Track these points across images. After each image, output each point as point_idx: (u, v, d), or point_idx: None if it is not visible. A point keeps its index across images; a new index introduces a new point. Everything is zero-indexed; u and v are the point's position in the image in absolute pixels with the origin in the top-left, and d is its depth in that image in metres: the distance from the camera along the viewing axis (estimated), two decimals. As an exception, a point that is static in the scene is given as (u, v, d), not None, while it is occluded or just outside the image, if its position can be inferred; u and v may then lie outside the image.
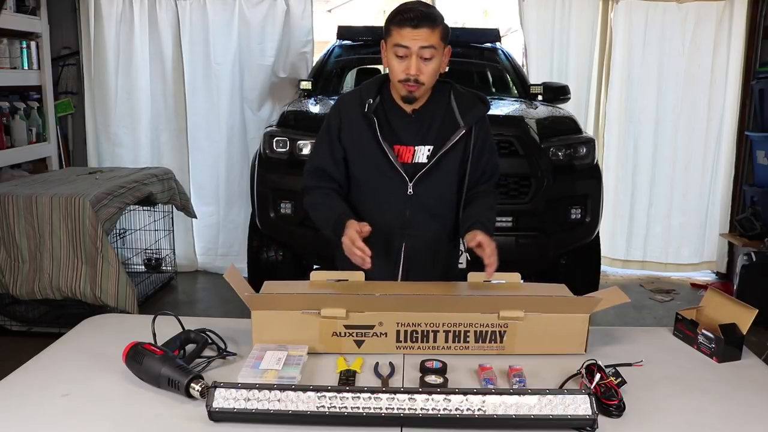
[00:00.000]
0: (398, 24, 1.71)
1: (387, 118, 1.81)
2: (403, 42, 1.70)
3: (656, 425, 1.24)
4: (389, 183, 1.81)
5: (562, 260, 3.53)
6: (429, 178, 1.81)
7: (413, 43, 1.70)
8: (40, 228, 3.28)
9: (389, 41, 1.74)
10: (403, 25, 1.70)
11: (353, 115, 1.83)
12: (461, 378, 1.40)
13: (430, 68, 1.73)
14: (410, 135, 1.82)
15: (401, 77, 1.73)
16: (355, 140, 1.82)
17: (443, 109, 1.84)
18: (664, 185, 4.77)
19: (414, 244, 1.86)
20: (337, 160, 1.85)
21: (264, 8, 4.51)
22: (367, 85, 1.87)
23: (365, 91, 1.85)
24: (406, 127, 1.82)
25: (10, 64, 4.09)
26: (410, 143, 1.82)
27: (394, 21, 1.72)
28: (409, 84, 1.73)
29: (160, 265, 4.50)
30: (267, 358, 1.39)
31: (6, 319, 3.55)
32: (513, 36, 6.81)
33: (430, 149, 1.82)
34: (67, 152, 4.74)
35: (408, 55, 1.71)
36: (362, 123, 1.80)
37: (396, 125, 1.82)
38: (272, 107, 4.57)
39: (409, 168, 1.81)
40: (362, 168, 1.84)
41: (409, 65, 1.71)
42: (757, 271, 3.83)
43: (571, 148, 3.37)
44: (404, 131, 1.82)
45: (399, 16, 1.71)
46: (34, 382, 1.37)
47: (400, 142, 1.81)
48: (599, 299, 1.52)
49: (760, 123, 4.49)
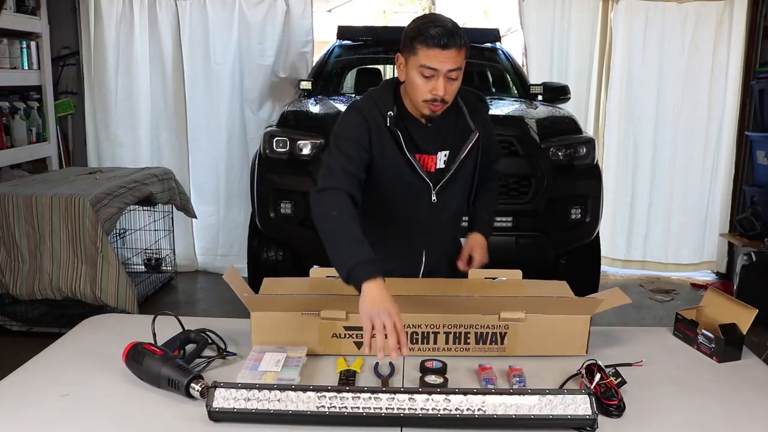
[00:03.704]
0: (426, 44, 1.61)
1: (406, 129, 1.77)
2: (432, 64, 1.62)
3: (656, 425, 1.24)
4: (414, 192, 1.79)
5: (562, 260, 3.52)
6: (450, 184, 1.81)
7: (442, 66, 1.62)
8: (40, 228, 3.28)
9: (413, 60, 1.65)
10: (431, 46, 1.61)
11: (378, 125, 1.76)
12: (461, 378, 1.40)
13: (454, 87, 1.69)
14: (430, 143, 1.80)
15: (427, 97, 1.68)
16: (381, 150, 1.76)
17: (455, 114, 1.82)
18: (664, 185, 4.77)
19: (434, 248, 1.87)
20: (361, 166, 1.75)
21: (264, 8, 4.51)
22: (381, 95, 1.80)
23: (382, 103, 1.78)
24: (425, 136, 1.79)
25: (10, 64, 4.09)
26: (432, 152, 1.80)
27: (420, 40, 1.62)
28: (434, 104, 1.68)
29: (160, 265, 4.50)
30: (266, 360, 1.39)
31: (6, 319, 3.55)
32: (513, 36, 6.82)
33: (447, 154, 1.80)
34: (67, 152, 4.74)
35: (436, 76, 1.64)
36: (386, 134, 1.75)
37: (416, 135, 1.78)
38: (272, 107, 4.57)
39: (432, 176, 1.80)
40: (388, 178, 1.79)
41: (437, 86, 1.64)
42: (757, 271, 3.83)
43: (571, 148, 3.37)
44: (424, 140, 1.79)
45: (426, 35, 1.61)
46: (34, 382, 1.37)
47: (422, 151, 1.79)
48: (600, 300, 1.52)
49: (760, 123, 4.49)
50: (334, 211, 1.58)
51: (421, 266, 1.87)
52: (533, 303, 1.50)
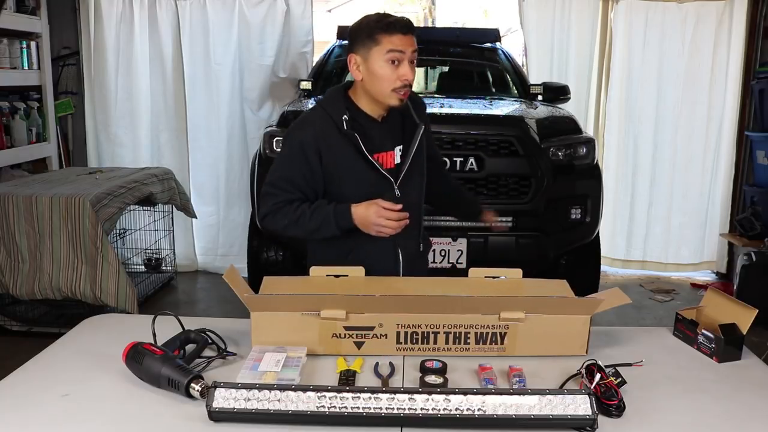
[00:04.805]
0: (387, 31, 1.71)
1: (361, 129, 1.79)
2: (399, 47, 1.71)
3: (656, 425, 1.24)
4: (378, 191, 1.81)
5: (562, 260, 3.52)
6: (409, 177, 1.87)
7: (407, 48, 1.72)
8: (40, 228, 3.28)
9: (376, 50, 1.72)
10: (393, 32, 1.71)
11: (329, 136, 1.77)
12: (461, 378, 1.40)
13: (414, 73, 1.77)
14: (386, 140, 1.85)
15: (397, 85, 1.73)
16: (338, 160, 1.78)
17: (401, 110, 1.86)
18: (664, 185, 4.77)
19: (407, 245, 1.91)
20: (309, 179, 1.79)
21: (264, 8, 4.51)
22: (330, 102, 1.83)
23: (331, 109, 1.80)
24: (380, 133, 1.84)
25: (10, 64, 4.10)
26: (389, 148, 1.85)
27: (381, 29, 1.72)
28: (403, 91, 1.75)
29: (160, 265, 4.50)
30: (266, 360, 1.39)
31: (6, 319, 3.55)
32: (513, 36, 6.82)
33: (401, 148, 1.87)
34: (67, 152, 4.75)
35: (401, 60, 1.72)
36: (340, 141, 1.77)
37: (371, 134, 1.82)
38: (272, 107, 4.57)
39: (392, 171, 1.85)
40: (350, 184, 1.81)
41: (406, 71, 1.73)
42: (757, 271, 3.83)
43: (571, 148, 3.37)
44: (380, 138, 1.84)
45: (385, 24, 1.72)
46: (34, 382, 1.37)
47: (379, 150, 1.83)
48: (600, 300, 1.52)
49: (760, 123, 4.49)
50: (285, 220, 1.79)
51: (400, 263, 1.89)
52: (533, 303, 1.50)
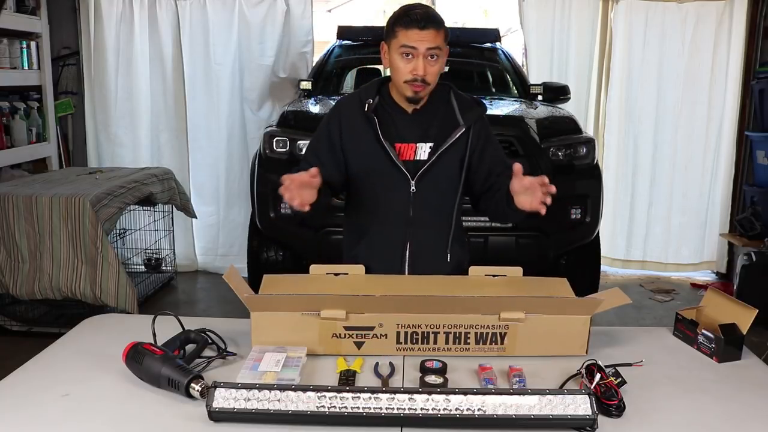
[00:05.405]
0: (405, 25, 1.73)
1: (387, 117, 1.82)
2: (411, 43, 1.72)
3: (656, 425, 1.24)
4: (392, 181, 1.82)
5: (562, 260, 3.52)
6: (430, 175, 1.82)
7: (421, 44, 1.72)
8: (40, 228, 3.28)
9: (394, 42, 1.76)
10: (410, 27, 1.72)
11: (353, 116, 1.84)
12: (461, 378, 1.40)
13: (435, 69, 1.76)
14: (411, 132, 1.83)
15: (408, 78, 1.75)
16: (356, 141, 1.83)
17: (443, 108, 1.85)
18: (664, 185, 4.77)
19: (418, 242, 1.87)
20: (332, 159, 1.85)
21: (264, 8, 4.51)
22: (366, 87, 1.89)
23: (364, 92, 1.86)
24: (407, 124, 1.84)
25: (10, 64, 4.09)
26: (411, 140, 1.83)
27: (400, 23, 1.74)
28: (415, 84, 1.75)
29: (160, 265, 4.50)
30: (266, 360, 1.39)
31: (6, 319, 3.55)
32: (513, 36, 6.81)
33: (431, 146, 1.83)
34: (67, 152, 4.74)
35: (415, 55, 1.73)
36: (363, 123, 1.81)
37: (397, 123, 1.83)
38: (272, 107, 4.57)
39: (410, 165, 1.82)
40: (364, 168, 1.85)
41: (417, 66, 1.73)
42: (757, 271, 3.83)
43: (571, 148, 3.37)
44: (405, 129, 1.83)
45: (405, 18, 1.73)
46: (34, 382, 1.37)
47: (401, 140, 1.82)
48: (601, 301, 1.52)
49: (760, 123, 4.49)
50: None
51: (405, 259, 1.87)
52: (533, 303, 1.50)
